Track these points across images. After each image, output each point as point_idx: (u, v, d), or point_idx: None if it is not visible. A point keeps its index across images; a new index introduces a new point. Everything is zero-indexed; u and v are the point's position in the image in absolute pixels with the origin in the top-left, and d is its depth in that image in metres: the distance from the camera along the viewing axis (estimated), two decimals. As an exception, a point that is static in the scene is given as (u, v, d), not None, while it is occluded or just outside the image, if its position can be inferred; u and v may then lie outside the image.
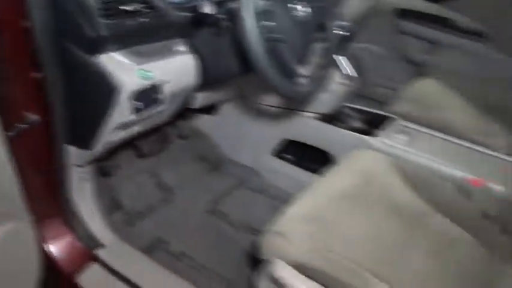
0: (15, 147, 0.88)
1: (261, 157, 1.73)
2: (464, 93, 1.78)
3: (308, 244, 0.96)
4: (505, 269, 1.06)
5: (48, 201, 1.09)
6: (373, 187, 1.16)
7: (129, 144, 1.47)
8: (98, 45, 0.93)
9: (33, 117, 0.99)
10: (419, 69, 2.21)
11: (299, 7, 1.08)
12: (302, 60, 1.10)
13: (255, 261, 1.24)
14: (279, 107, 1.61)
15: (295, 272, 0.93)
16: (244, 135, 1.74)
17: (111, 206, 1.42)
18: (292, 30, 1.04)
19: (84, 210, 1.21)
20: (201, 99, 1.35)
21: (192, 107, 1.37)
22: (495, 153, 1.42)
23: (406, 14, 2.17)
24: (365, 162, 1.25)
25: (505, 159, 1.37)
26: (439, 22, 2.09)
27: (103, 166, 1.43)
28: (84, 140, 1.06)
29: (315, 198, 1.10)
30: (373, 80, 2.33)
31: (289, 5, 1.05)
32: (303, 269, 0.92)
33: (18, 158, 0.89)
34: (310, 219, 1.02)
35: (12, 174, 0.88)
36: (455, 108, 1.70)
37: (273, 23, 1.00)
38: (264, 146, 1.71)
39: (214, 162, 1.78)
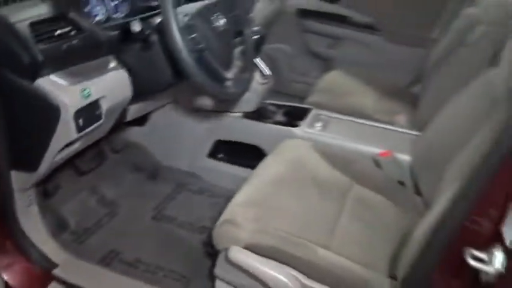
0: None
1: (196, 160, 1.82)
2: (366, 80, 2.03)
3: (255, 226, 1.08)
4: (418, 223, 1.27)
5: (-3, 229, 1.11)
6: (301, 170, 1.31)
7: (67, 163, 1.49)
8: (36, 70, 0.97)
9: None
10: (326, 63, 2.45)
11: (216, 19, 1.20)
12: (227, 64, 1.23)
13: (212, 254, 1.34)
14: (208, 111, 1.72)
15: (249, 253, 1.04)
16: (178, 141, 1.82)
17: (58, 226, 1.43)
18: (214, 39, 1.16)
19: (34, 234, 1.22)
20: (133, 111, 1.42)
21: (126, 120, 1.43)
22: (398, 129, 1.65)
23: (308, 14, 2.39)
24: (291, 150, 1.40)
25: (408, 133, 1.60)
26: (339, 19, 2.34)
27: (44, 188, 1.43)
28: (29, 163, 1.09)
29: (254, 186, 1.23)
30: (288, 77, 2.53)
31: (209, 18, 1.17)
32: (255, 249, 1.04)
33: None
34: (252, 205, 1.15)
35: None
36: (360, 94, 1.94)
37: (196, 35, 1.11)
38: (199, 149, 1.80)
39: (151, 171, 1.84)
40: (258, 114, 1.73)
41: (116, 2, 1.31)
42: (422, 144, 1.40)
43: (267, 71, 1.70)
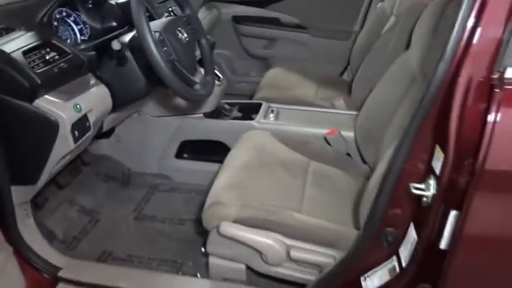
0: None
1: (165, 162, 1.98)
2: (303, 73, 2.30)
3: (238, 203, 1.27)
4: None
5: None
6: (265, 154, 1.53)
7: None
8: (35, 92, 1.10)
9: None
10: (264, 62, 2.69)
11: (180, 32, 1.38)
12: (193, 71, 1.41)
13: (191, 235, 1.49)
14: (170, 115, 1.88)
15: (238, 225, 1.23)
16: (145, 148, 1.96)
17: (48, 237, 1.52)
18: (181, 50, 1.33)
19: (35, 243, 1.32)
20: (108, 122, 1.55)
21: (102, 130, 1.56)
22: (339, 111, 1.92)
23: (242, 19, 2.62)
24: (253, 140, 1.61)
25: (347, 113, 1.87)
26: (270, 22, 2.59)
27: (35, 201, 1.52)
28: (29, 177, 1.20)
29: (229, 172, 1.43)
30: (231, 78, 2.74)
31: (174, 32, 1.34)
32: (242, 222, 1.23)
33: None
34: (232, 187, 1.34)
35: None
36: (301, 86, 2.20)
37: (167, 48, 1.29)
38: (166, 151, 1.96)
39: (122, 178, 1.96)
40: (217, 113, 1.92)
41: (80, 26, 1.46)
42: (360, 121, 1.66)
43: (219, 74, 1.90)
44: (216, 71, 1.90)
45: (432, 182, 0.90)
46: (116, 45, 1.24)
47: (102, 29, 1.50)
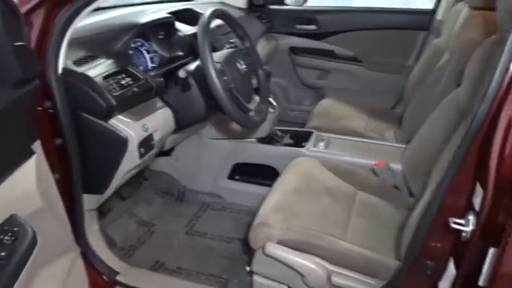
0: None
1: (218, 182, 2.09)
2: (355, 105, 2.35)
3: (283, 225, 1.34)
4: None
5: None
6: (313, 181, 1.59)
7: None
8: (110, 113, 1.25)
9: (56, 175, 1.26)
10: (317, 92, 2.78)
11: (239, 63, 1.50)
12: (248, 99, 1.52)
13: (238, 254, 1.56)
14: (225, 139, 2.00)
15: (282, 247, 1.29)
16: (201, 167, 2.09)
17: (108, 244, 1.66)
18: (239, 80, 1.45)
19: (98, 248, 1.46)
20: (169, 142, 1.69)
21: (164, 149, 1.70)
22: (388, 143, 1.95)
23: (299, 50, 2.74)
24: (302, 166, 1.68)
25: (396, 146, 1.90)
26: (325, 54, 2.68)
27: (100, 209, 1.68)
28: (99, 187, 1.35)
29: (277, 195, 1.50)
30: (285, 106, 2.85)
31: (234, 63, 1.47)
32: (286, 243, 1.29)
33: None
34: (279, 209, 1.41)
35: (66, 217, 1.16)
36: (352, 117, 2.25)
37: (226, 78, 1.41)
38: (219, 172, 2.07)
39: (177, 194, 2.10)
40: (270, 139, 2.02)
41: (151, 55, 1.62)
42: (409, 154, 1.68)
43: (273, 102, 2.01)
44: (270, 99, 2.00)
45: (472, 218, 0.92)
46: (182, 73, 1.38)
47: (170, 58, 1.66)
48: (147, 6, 1.96)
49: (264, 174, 1.97)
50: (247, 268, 1.52)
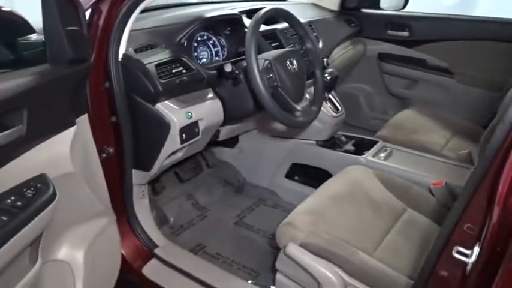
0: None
1: (275, 179, 2.13)
2: (438, 119, 2.17)
3: (309, 229, 1.32)
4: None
5: (119, 210, 1.50)
6: (358, 191, 1.53)
7: (171, 171, 1.90)
8: (157, 97, 1.36)
9: (110, 149, 1.41)
10: (403, 102, 2.62)
11: (291, 63, 1.51)
12: (298, 98, 1.52)
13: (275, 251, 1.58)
14: (286, 137, 2.02)
15: (303, 250, 1.28)
16: (261, 162, 2.15)
17: (160, 220, 1.82)
18: (287, 78, 1.45)
19: (144, 220, 1.60)
20: (224, 133, 1.77)
21: (218, 139, 1.79)
22: (458, 163, 1.78)
23: (388, 57, 2.61)
24: (353, 174, 1.63)
25: (463, 166, 1.73)
26: (416, 63, 2.52)
27: (154, 186, 1.85)
28: (146, 165, 1.48)
29: (314, 199, 1.49)
30: (367, 114, 2.75)
31: (284, 62, 1.48)
32: (308, 247, 1.28)
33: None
34: (310, 212, 1.40)
35: (105, 186, 1.30)
36: (430, 132, 2.08)
37: (272, 75, 1.43)
38: (278, 170, 2.10)
39: (237, 185, 2.19)
40: (331, 143, 1.99)
41: (217, 49, 1.71)
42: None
43: (339, 106, 1.96)
44: (336, 103, 1.97)
45: (476, 249, 0.83)
46: (227, 67, 1.44)
47: (237, 53, 1.73)
48: (238, 4, 2.06)
49: (320, 178, 1.93)
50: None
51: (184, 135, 1.42)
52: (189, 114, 1.42)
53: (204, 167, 2.16)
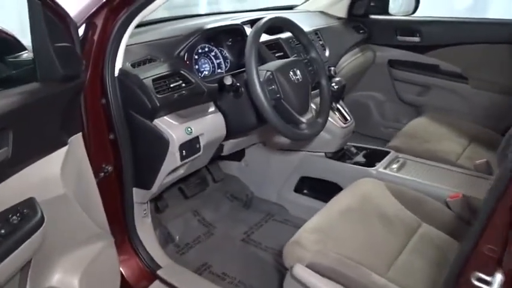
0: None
1: (284, 193, 2.05)
2: (453, 126, 2.07)
3: (316, 248, 1.25)
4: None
5: (120, 230, 1.45)
6: (369, 205, 1.45)
7: (175, 187, 1.84)
8: (154, 113, 1.31)
9: (109, 167, 1.37)
10: (415, 110, 2.53)
11: (294, 74, 1.44)
12: (302, 110, 1.45)
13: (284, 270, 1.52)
14: (293, 150, 1.95)
15: (310, 271, 1.20)
16: (269, 176, 2.08)
17: (165, 238, 1.76)
18: (290, 90, 1.39)
19: (146, 240, 1.54)
20: (228, 147, 1.71)
21: (222, 154, 1.73)
22: (475, 173, 1.68)
23: (399, 64, 2.53)
24: (363, 187, 1.55)
25: (482, 177, 1.63)
26: (428, 69, 2.43)
27: (156, 204, 1.79)
28: (145, 183, 1.43)
29: (323, 215, 1.41)
30: (379, 122, 2.66)
31: (286, 73, 1.42)
32: (315, 268, 1.20)
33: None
34: (318, 230, 1.33)
35: (101, 207, 1.25)
36: (445, 140, 1.98)
37: (274, 87, 1.37)
38: (286, 183, 2.03)
39: (245, 200, 2.12)
40: (341, 155, 1.91)
41: (219, 61, 1.66)
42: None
43: (348, 116, 1.89)
44: (345, 113, 1.89)
45: (499, 275, 0.75)
46: (227, 80, 1.38)
47: (240, 65, 1.67)
48: (247, 14, 2.02)
49: (330, 191, 1.85)
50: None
51: (184, 151, 1.36)
52: (189, 129, 1.37)
53: (210, 181, 2.10)
